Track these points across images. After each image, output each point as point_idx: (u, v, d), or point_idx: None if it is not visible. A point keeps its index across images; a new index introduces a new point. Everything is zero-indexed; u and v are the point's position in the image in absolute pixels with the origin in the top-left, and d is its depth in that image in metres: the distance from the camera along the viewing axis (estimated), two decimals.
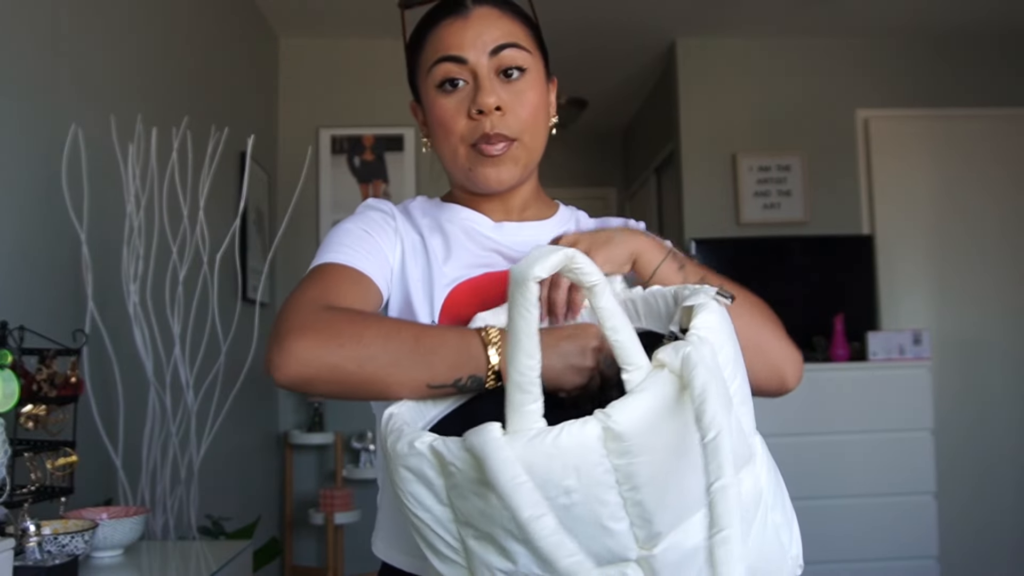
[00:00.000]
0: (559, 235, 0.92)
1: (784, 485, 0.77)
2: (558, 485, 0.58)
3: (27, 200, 1.66)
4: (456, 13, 0.90)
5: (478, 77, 0.89)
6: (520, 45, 0.91)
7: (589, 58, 4.10)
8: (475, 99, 0.88)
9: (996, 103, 3.86)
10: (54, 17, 1.78)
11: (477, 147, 0.90)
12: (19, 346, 1.27)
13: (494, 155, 0.90)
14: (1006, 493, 3.63)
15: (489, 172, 0.91)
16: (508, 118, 0.89)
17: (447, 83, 0.90)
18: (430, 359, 0.75)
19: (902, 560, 3.08)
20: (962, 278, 3.76)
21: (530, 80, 0.92)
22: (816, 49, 3.89)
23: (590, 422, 0.58)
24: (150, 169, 1.88)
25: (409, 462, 0.65)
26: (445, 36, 0.90)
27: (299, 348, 0.75)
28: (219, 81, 2.91)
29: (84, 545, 1.25)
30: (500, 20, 0.91)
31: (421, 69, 0.93)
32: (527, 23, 0.95)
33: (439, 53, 0.90)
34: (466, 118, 0.89)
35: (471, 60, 0.89)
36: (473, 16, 0.90)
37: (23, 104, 1.65)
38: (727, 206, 3.79)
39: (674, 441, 0.61)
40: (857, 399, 3.14)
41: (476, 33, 0.89)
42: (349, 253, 0.89)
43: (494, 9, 0.91)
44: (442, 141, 0.92)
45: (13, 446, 1.22)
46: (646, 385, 0.60)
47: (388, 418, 0.71)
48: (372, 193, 3.74)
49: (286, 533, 3.47)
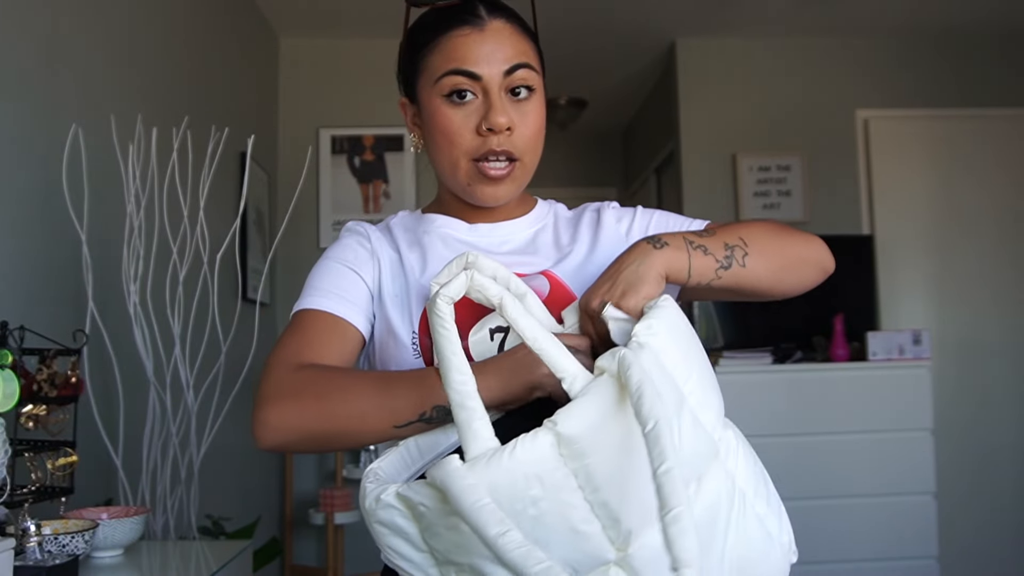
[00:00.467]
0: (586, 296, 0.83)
1: (767, 476, 0.79)
2: (524, 496, 0.61)
3: (27, 200, 1.66)
4: (471, 24, 0.89)
5: (489, 94, 0.89)
6: (531, 66, 0.91)
7: (589, 58, 4.10)
8: (487, 116, 0.88)
9: (996, 103, 3.86)
10: (54, 17, 1.78)
11: (479, 164, 0.91)
12: (19, 346, 1.27)
13: (496, 176, 0.91)
14: (1006, 493, 3.63)
15: (487, 191, 0.92)
16: (515, 137, 0.90)
17: (456, 95, 0.89)
18: (391, 404, 0.80)
19: (902, 560, 3.08)
20: (962, 278, 3.76)
21: (536, 100, 0.92)
22: (816, 49, 3.89)
23: (540, 432, 0.62)
24: (150, 169, 1.88)
25: (380, 516, 0.69)
26: (459, 47, 0.89)
27: (272, 418, 0.80)
28: (219, 81, 2.92)
29: (84, 545, 1.25)
30: (514, 37, 0.90)
31: (425, 73, 0.92)
32: (534, 40, 0.95)
33: (452, 64, 0.89)
34: (473, 133, 0.90)
35: (485, 76, 0.88)
36: (489, 29, 0.89)
37: (23, 104, 1.65)
38: (727, 206, 3.79)
39: (624, 440, 0.64)
40: (857, 399, 3.14)
41: (492, 49, 0.88)
42: (327, 295, 0.92)
43: (508, 24, 0.91)
44: (443, 151, 0.92)
45: (13, 446, 1.23)
46: (588, 389, 0.64)
47: (365, 476, 0.74)
48: (372, 193, 3.74)
49: (286, 533, 3.47)
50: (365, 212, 3.73)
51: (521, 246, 0.99)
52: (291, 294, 3.65)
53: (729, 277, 0.86)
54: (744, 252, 0.86)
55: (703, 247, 0.85)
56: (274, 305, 3.56)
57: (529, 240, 1.00)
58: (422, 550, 0.69)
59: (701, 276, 0.85)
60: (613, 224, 1.02)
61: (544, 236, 1.01)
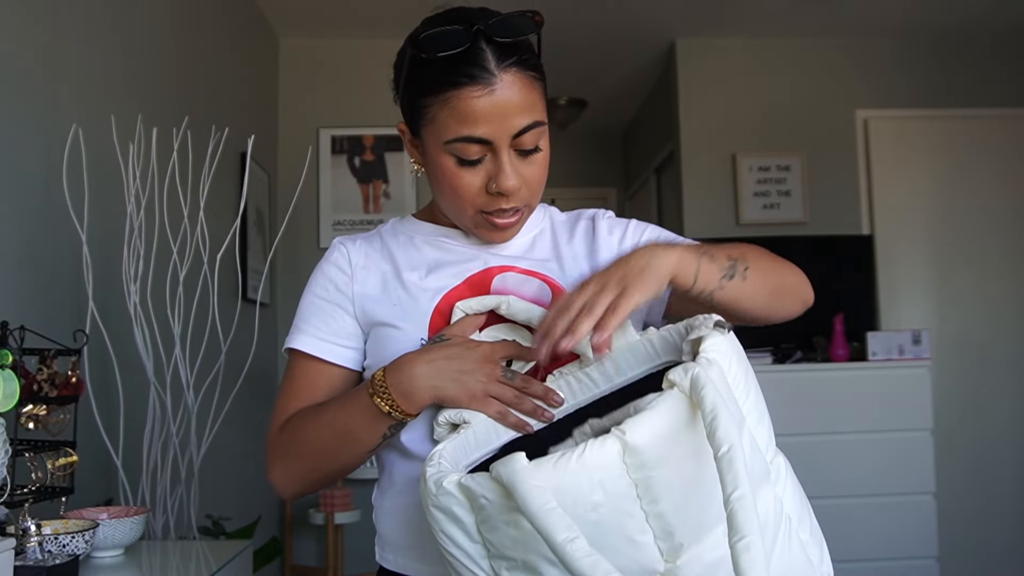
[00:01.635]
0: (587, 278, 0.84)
1: (810, 506, 0.79)
2: (587, 501, 0.62)
3: (27, 200, 1.66)
4: (481, 82, 0.84)
5: (499, 157, 0.87)
6: (540, 122, 0.88)
7: (589, 58, 4.10)
8: (496, 179, 0.87)
9: (995, 103, 3.86)
10: (54, 17, 1.78)
11: (488, 216, 0.91)
12: (19, 346, 1.27)
13: (505, 225, 0.92)
14: (1005, 492, 3.63)
15: (495, 236, 0.95)
16: (523, 191, 0.90)
17: (465, 160, 0.88)
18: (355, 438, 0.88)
19: (902, 560, 3.09)
20: (962, 278, 3.76)
21: (543, 149, 0.91)
22: (816, 49, 3.89)
23: (608, 439, 0.62)
24: (150, 169, 1.88)
25: (439, 502, 0.69)
26: (469, 109, 0.85)
27: (276, 479, 0.95)
28: (219, 81, 2.91)
29: (85, 545, 1.25)
30: (524, 91, 0.86)
31: (432, 125, 0.88)
32: (543, 78, 0.91)
33: (463, 131, 0.85)
34: (482, 190, 0.89)
35: (495, 141, 0.86)
36: (499, 87, 0.85)
37: (23, 104, 1.65)
38: (727, 206, 3.79)
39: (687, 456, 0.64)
40: (857, 399, 3.14)
41: (502, 113, 0.85)
42: (310, 336, 0.97)
43: (518, 76, 0.86)
44: (448, 199, 0.92)
45: (14, 446, 1.23)
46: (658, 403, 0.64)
47: (428, 459, 0.75)
48: (372, 193, 3.74)
49: (286, 533, 3.47)
50: (365, 212, 3.73)
51: (521, 251, 0.99)
52: (291, 294, 3.66)
53: (731, 289, 0.87)
54: (746, 266, 0.89)
55: (710, 254, 0.86)
56: (274, 305, 3.56)
57: (528, 245, 1.00)
58: (476, 541, 0.69)
59: (706, 283, 0.85)
60: (606, 235, 1.02)
61: (542, 241, 1.02)
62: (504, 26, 0.85)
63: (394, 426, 0.86)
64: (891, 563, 3.07)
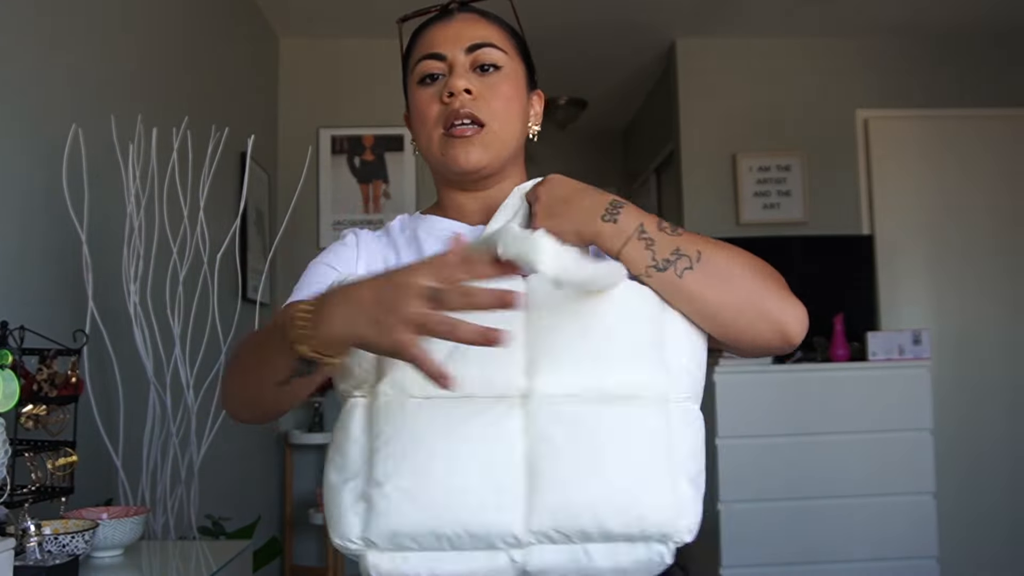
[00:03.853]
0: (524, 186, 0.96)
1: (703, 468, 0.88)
2: None
3: (27, 200, 1.66)
4: (441, 19, 0.98)
5: (454, 68, 0.94)
6: (496, 45, 0.96)
7: (589, 58, 4.10)
8: (447, 83, 0.93)
9: (996, 103, 3.85)
10: (54, 17, 1.78)
11: (448, 131, 0.93)
12: (19, 346, 1.27)
13: (463, 136, 0.93)
14: (1005, 492, 3.63)
15: (459, 153, 0.93)
16: (479, 102, 0.93)
17: (427, 78, 0.95)
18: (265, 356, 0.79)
19: (902, 560, 3.08)
20: (962, 278, 3.76)
21: (504, 75, 0.96)
22: (816, 49, 3.89)
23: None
24: (150, 169, 1.88)
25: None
26: (429, 37, 0.97)
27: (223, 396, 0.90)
28: (219, 81, 2.91)
29: (84, 545, 1.25)
30: (480, 23, 0.97)
31: (410, 73, 0.98)
32: (510, 32, 1.00)
33: (421, 52, 0.96)
34: (439, 103, 0.94)
35: (448, 55, 0.94)
36: (455, 19, 0.97)
37: (23, 104, 1.65)
38: (727, 206, 3.79)
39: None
40: (857, 399, 3.14)
41: (456, 32, 0.95)
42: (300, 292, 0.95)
43: (476, 15, 0.98)
44: (420, 130, 0.97)
45: (13, 446, 1.23)
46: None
47: None
48: (372, 193, 3.74)
49: (286, 533, 3.47)
50: (365, 212, 3.73)
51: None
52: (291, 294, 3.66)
53: (657, 282, 0.84)
54: (688, 266, 0.83)
55: (650, 240, 0.84)
56: (274, 305, 3.56)
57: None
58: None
59: (630, 262, 0.84)
60: None
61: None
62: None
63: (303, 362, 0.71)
64: (891, 563, 3.07)
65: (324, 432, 3.45)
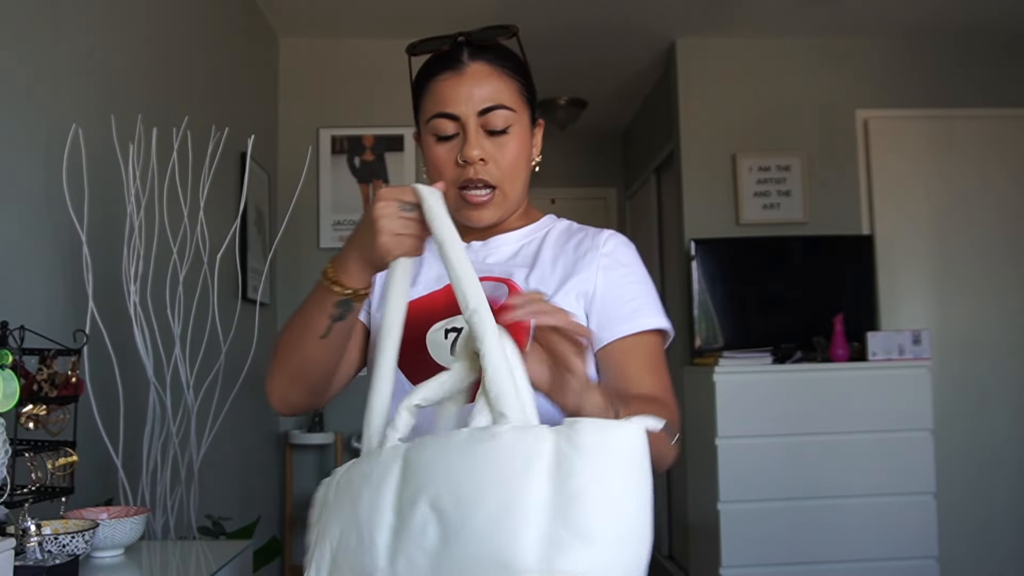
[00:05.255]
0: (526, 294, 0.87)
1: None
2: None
3: (27, 200, 1.66)
4: (452, 68, 1.01)
5: (467, 131, 1.00)
6: (506, 106, 1.01)
7: (589, 58, 4.10)
8: (462, 150, 1.00)
9: (996, 103, 3.86)
10: (54, 17, 1.78)
11: (463, 192, 1.02)
12: (19, 346, 1.27)
13: (476, 202, 1.02)
14: (1005, 493, 3.63)
15: (472, 215, 1.03)
16: (490, 167, 1.01)
17: (440, 134, 1.02)
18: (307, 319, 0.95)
19: (902, 560, 3.08)
20: (962, 278, 3.76)
21: (514, 135, 1.02)
22: (816, 49, 3.89)
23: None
24: (150, 169, 1.88)
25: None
26: (441, 91, 1.01)
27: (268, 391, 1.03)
28: (219, 81, 2.91)
29: (84, 545, 1.25)
30: (491, 78, 1.01)
31: (421, 115, 1.05)
32: (517, 75, 1.04)
33: (436, 108, 1.01)
34: (455, 165, 1.01)
35: (462, 116, 1.00)
36: (467, 73, 1.01)
37: (23, 104, 1.65)
38: (727, 206, 3.79)
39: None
40: (857, 399, 3.14)
41: (468, 92, 1.00)
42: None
43: (486, 66, 1.01)
44: (433, 178, 1.03)
45: (13, 446, 1.23)
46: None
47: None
48: (372, 193, 3.74)
49: (286, 533, 3.47)
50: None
51: (502, 259, 1.08)
52: (291, 294, 3.66)
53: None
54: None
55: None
56: (274, 305, 3.56)
57: (512, 253, 1.08)
58: None
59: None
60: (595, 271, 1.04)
61: (528, 249, 1.08)
62: (480, 34, 1.02)
63: (339, 303, 0.91)
64: (891, 563, 3.07)
65: (323, 432, 3.45)
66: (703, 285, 3.60)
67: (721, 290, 3.61)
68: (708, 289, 3.60)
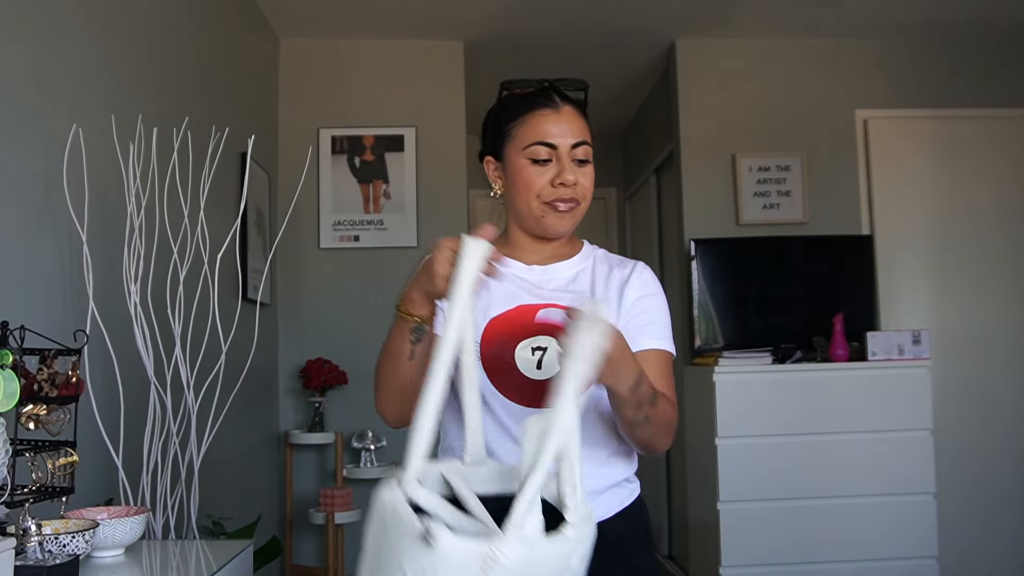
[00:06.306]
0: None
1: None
2: None
3: (27, 200, 1.66)
4: (550, 107, 1.25)
5: (562, 160, 1.24)
6: (588, 142, 1.26)
7: (589, 58, 4.10)
8: (560, 175, 1.23)
9: (996, 103, 3.86)
10: (54, 17, 1.78)
11: (551, 204, 1.24)
12: (20, 346, 1.27)
13: (564, 210, 1.25)
14: (1005, 493, 3.63)
15: (556, 223, 1.26)
16: (578, 188, 1.25)
17: (539, 159, 1.24)
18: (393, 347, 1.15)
19: (902, 560, 3.08)
20: (962, 278, 3.76)
21: (591, 168, 1.27)
22: (816, 49, 3.89)
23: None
24: (150, 169, 1.88)
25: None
26: (543, 124, 1.24)
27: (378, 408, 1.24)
28: (219, 81, 2.92)
29: (85, 545, 1.25)
30: (578, 120, 1.26)
31: (514, 140, 1.26)
32: (588, 123, 1.28)
33: (537, 137, 1.24)
34: (548, 185, 1.24)
35: (560, 147, 1.24)
36: (563, 112, 1.25)
37: (23, 104, 1.65)
38: (727, 206, 3.79)
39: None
40: (857, 399, 3.14)
41: (566, 128, 1.24)
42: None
43: (575, 111, 1.27)
44: (522, 194, 1.25)
45: (14, 446, 1.23)
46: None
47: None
48: (372, 193, 3.74)
49: (286, 533, 3.48)
50: (365, 212, 3.73)
51: (563, 284, 1.30)
52: (291, 294, 3.66)
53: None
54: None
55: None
56: (274, 305, 3.56)
57: (571, 279, 1.31)
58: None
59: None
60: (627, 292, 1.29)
61: (584, 277, 1.32)
62: (565, 83, 1.29)
63: (413, 329, 1.12)
64: (891, 563, 3.07)
65: (324, 432, 3.45)
66: (703, 285, 3.60)
67: (721, 290, 3.61)
68: (708, 289, 3.60)
